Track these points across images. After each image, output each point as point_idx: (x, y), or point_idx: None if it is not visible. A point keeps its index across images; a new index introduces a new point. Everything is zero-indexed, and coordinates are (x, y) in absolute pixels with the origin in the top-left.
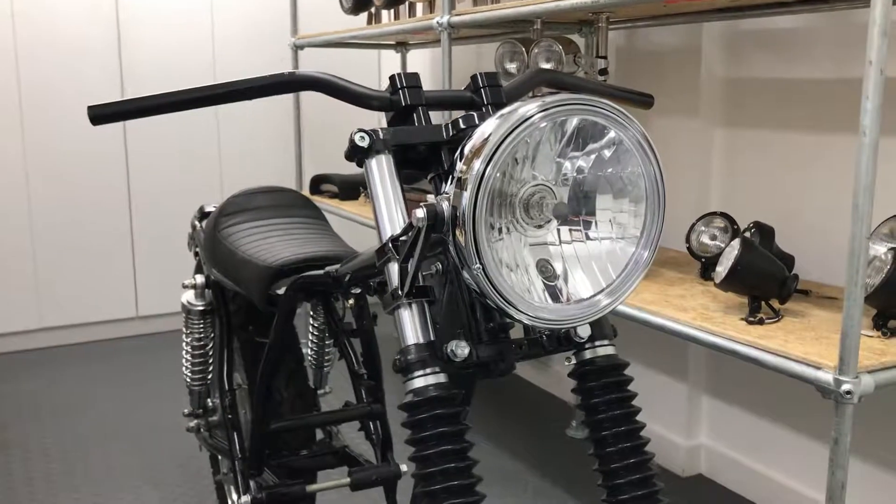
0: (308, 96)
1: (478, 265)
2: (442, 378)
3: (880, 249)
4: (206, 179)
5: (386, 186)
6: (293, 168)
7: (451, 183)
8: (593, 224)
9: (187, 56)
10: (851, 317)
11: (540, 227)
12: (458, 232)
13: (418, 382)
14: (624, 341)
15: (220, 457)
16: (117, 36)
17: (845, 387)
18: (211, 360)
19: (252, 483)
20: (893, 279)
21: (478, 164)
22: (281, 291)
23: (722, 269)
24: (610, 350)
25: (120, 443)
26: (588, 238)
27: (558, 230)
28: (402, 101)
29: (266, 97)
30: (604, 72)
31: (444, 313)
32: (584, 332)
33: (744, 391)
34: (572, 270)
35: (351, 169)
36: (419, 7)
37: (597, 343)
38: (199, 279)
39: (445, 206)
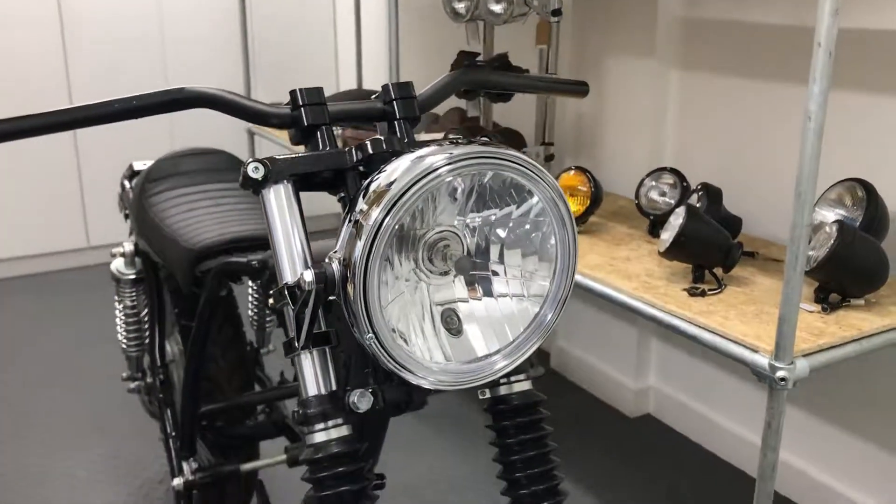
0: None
1: (370, 334)
2: (345, 431)
3: (828, 217)
4: None
5: (284, 220)
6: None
7: (349, 222)
8: (497, 280)
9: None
10: (790, 302)
11: (445, 274)
12: (349, 289)
13: (319, 437)
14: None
15: None
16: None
17: (780, 373)
18: (146, 326)
19: (185, 465)
20: (836, 254)
21: (375, 213)
22: (207, 269)
23: (666, 238)
24: (526, 386)
25: (67, 387)
26: (490, 294)
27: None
28: (304, 120)
29: (156, 115)
30: (557, 12)
31: (351, 354)
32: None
33: None
34: (471, 326)
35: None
36: None
37: (513, 379)
38: (129, 247)
39: (336, 267)
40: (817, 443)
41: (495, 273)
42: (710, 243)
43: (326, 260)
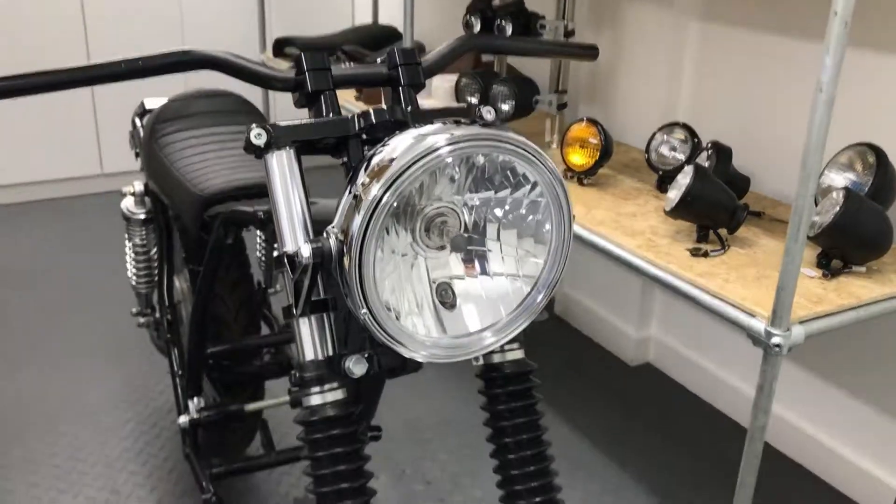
0: None
1: (364, 310)
2: (340, 395)
3: (837, 181)
4: (167, 38)
5: (286, 186)
6: (257, 27)
7: (349, 194)
8: (492, 258)
9: None
10: (789, 272)
11: (441, 248)
12: (345, 263)
13: (315, 400)
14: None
15: None
16: None
17: (775, 339)
18: (156, 264)
19: (191, 403)
20: (841, 222)
21: (375, 189)
22: (214, 215)
23: (673, 197)
24: (518, 354)
25: (81, 313)
26: (485, 272)
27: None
28: (308, 86)
29: (161, 76)
30: None
31: (348, 317)
32: None
33: None
34: (465, 302)
35: (321, 29)
36: None
37: (506, 347)
38: (139, 186)
39: (332, 242)
40: (812, 399)
41: (490, 251)
42: (716, 204)
43: (325, 234)
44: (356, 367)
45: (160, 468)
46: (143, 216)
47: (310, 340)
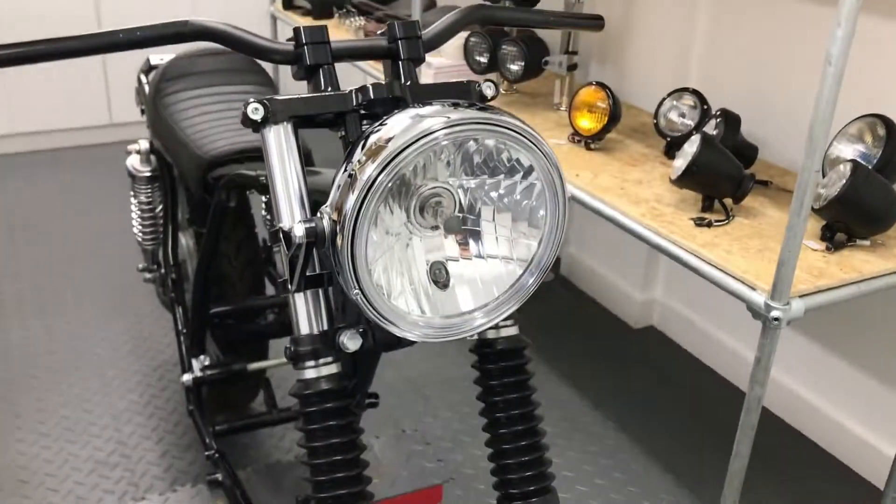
0: None
1: (356, 290)
2: (334, 368)
3: (845, 153)
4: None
5: (283, 162)
6: None
7: (345, 172)
8: (485, 240)
9: None
10: (790, 247)
11: (435, 228)
12: (338, 242)
13: (309, 374)
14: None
15: None
16: None
17: (774, 313)
18: (161, 221)
19: (195, 362)
20: (846, 196)
21: (370, 169)
22: (218, 177)
23: (679, 166)
24: (513, 331)
25: (90, 265)
26: (478, 254)
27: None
28: (306, 59)
29: (160, 46)
30: None
31: (344, 293)
32: None
33: None
34: (458, 282)
35: None
36: None
37: (501, 323)
38: (144, 144)
39: (326, 222)
40: (812, 366)
41: (484, 233)
42: (722, 174)
43: (319, 214)
44: (350, 341)
45: (166, 420)
46: (148, 174)
47: (305, 315)
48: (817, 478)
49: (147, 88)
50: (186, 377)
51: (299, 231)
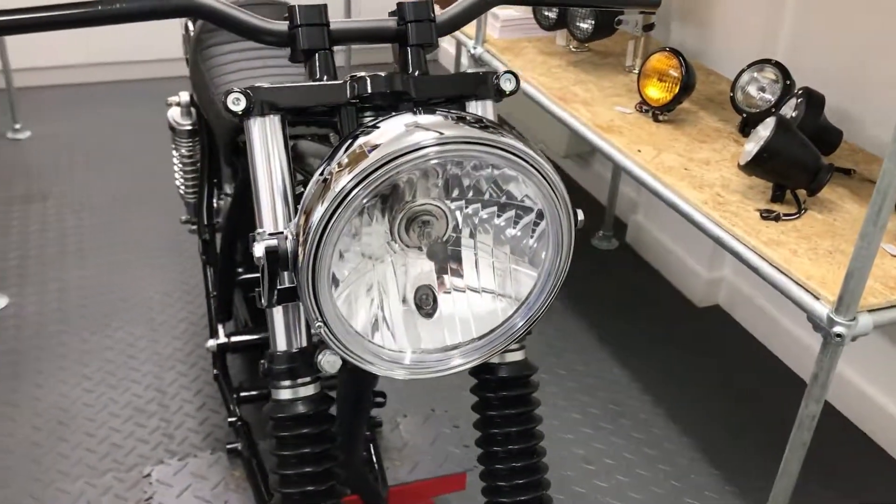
0: None
1: (319, 323)
2: (311, 390)
3: None
4: None
5: (267, 159)
6: None
7: (320, 175)
8: (475, 270)
9: None
10: (863, 256)
11: (418, 249)
12: (299, 259)
13: (284, 395)
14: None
15: None
16: None
17: (837, 329)
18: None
19: (220, 328)
20: None
21: (345, 179)
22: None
23: (749, 150)
24: (518, 356)
25: (145, 205)
26: (459, 287)
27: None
28: (300, 42)
29: (149, 21)
30: None
31: None
32: None
33: None
34: (445, 311)
35: None
36: None
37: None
38: (184, 97)
39: (289, 241)
40: (880, 362)
41: (475, 261)
42: (796, 163)
43: (283, 231)
44: (329, 364)
45: (208, 371)
46: (189, 127)
47: (282, 330)
48: (881, 486)
49: (190, 37)
50: (211, 342)
51: (259, 252)
